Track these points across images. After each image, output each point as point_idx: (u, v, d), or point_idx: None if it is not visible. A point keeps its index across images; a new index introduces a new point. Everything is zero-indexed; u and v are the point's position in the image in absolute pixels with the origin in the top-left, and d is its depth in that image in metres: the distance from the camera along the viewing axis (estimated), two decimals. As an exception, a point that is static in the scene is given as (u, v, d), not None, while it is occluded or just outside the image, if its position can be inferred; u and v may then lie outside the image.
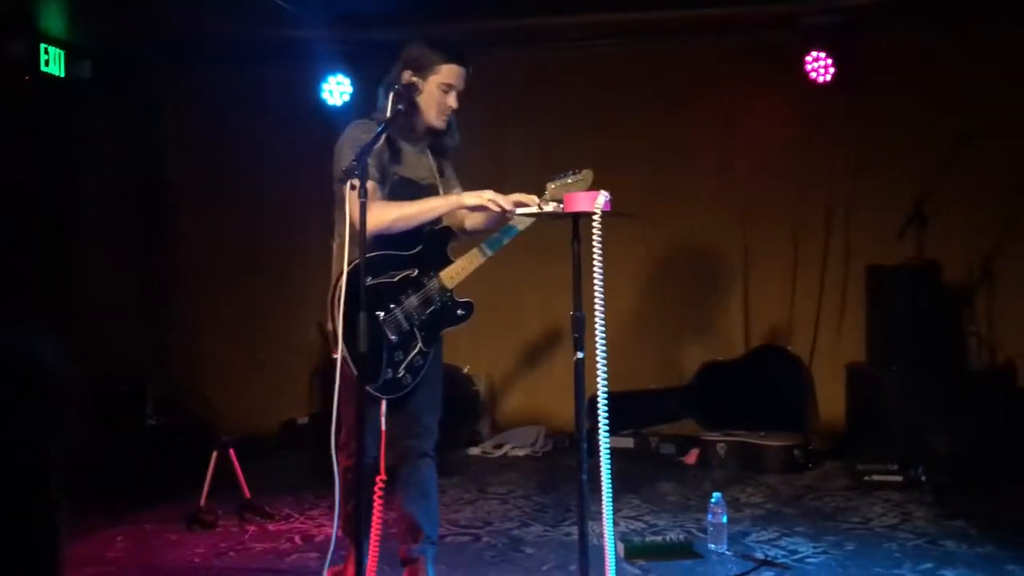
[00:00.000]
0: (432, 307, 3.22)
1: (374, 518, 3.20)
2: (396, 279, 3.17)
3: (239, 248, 6.57)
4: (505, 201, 3.07)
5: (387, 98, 3.20)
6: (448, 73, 3.20)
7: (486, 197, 3.09)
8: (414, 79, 3.19)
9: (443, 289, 3.23)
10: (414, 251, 3.20)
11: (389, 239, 3.11)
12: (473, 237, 3.37)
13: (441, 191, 3.32)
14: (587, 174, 3.20)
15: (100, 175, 6.30)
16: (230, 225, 6.57)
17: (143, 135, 6.56)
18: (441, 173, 3.37)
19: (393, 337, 3.14)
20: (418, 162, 3.30)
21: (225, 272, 6.57)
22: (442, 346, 3.35)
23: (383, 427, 3.15)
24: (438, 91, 3.19)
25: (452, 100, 3.23)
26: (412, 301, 3.18)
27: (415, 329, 3.19)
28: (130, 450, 5.38)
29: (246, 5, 5.21)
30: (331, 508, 4.27)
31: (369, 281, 3.02)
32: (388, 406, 3.17)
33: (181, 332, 6.63)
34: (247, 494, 4.51)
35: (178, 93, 6.52)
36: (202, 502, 4.37)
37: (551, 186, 3.17)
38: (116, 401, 5.78)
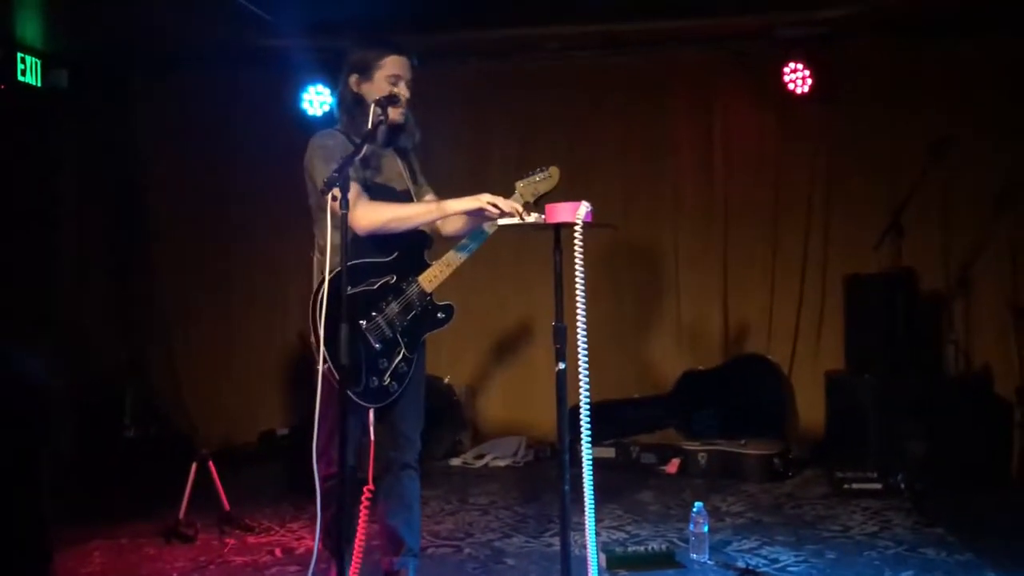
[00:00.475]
0: (413, 312, 3.21)
1: (359, 529, 3.18)
2: (376, 286, 3.16)
3: (217, 258, 6.52)
4: (505, 204, 3.05)
5: (344, 109, 3.21)
6: (392, 64, 3.17)
7: (485, 200, 3.06)
8: (362, 82, 3.17)
9: (423, 294, 3.23)
10: (391, 257, 3.19)
11: (366, 247, 3.11)
12: (449, 242, 3.35)
13: (415, 198, 3.31)
14: (554, 171, 3.22)
15: (77, 184, 6.25)
16: (208, 235, 6.52)
17: (120, 144, 6.51)
18: (414, 179, 3.36)
19: (377, 345, 3.13)
20: (390, 167, 3.28)
21: (202, 282, 6.52)
22: (425, 354, 3.34)
23: (372, 436, 3.14)
24: (387, 84, 3.16)
25: (403, 89, 3.18)
26: (393, 308, 3.18)
27: (398, 335, 3.19)
28: (107, 462, 5.33)
29: (225, 14, 5.18)
30: (312, 520, 4.25)
31: (349, 290, 3.01)
32: (374, 415, 3.15)
33: (158, 342, 6.57)
34: (226, 506, 4.48)
35: (156, 102, 6.47)
36: (181, 515, 4.34)
37: (520, 185, 3.19)
38: (93, 412, 5.73)
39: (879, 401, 5.24)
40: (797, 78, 5.78)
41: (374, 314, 3.14)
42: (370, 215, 3.06)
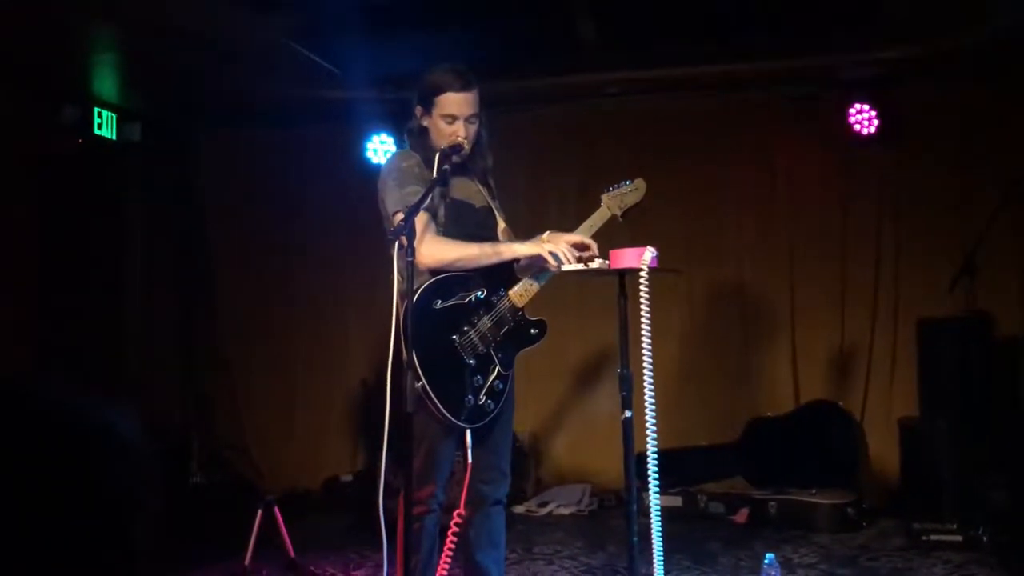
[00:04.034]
0: (506, 327, 3.10)
1: (442, 560, 3.08)
2: (466, 300, 3.06)
3: (281, 305, 6.61)
4: (565, 254, 2.97)
5: (411, 134, 3.18)
6: (445, 104, 3.09)
7: (546, 250, 2.99)
8: (424, 115, 3.15)
9: (514, 308, 3.12)
10: (480, 271, 3.09)
11: None
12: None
13: (496, 214, 3.26)
14: (640, 183, 3.17)
15: (146, 233, 6.41)
16: (272, 283, 6.62)
17: (189, 194, 6.68)
18: (492, 196, 3.29)
19: (471, 361, 3.03)
20: (466, 185, 3.22)
21: (267, 329, 6.61)
22: (514, 385, 3.21)
23: (469, 460, 3.05)
24: (443, 123, 3.10)
25: (459, 129, 3.09)
26: (485, 322, 3.07)
27: (491, 351, 3.08)
28: (174, 508, 5.39)
29: (295, 69, 5.30)
30: (377, 567, 4.25)
31: (439, 304, 2.98)
32: (471, 438, 3.06)
33: (224, 390, 6.65)
34: (292, 553, 4.49)
35: (223, 153, 6.64)
36: (247, 561, 4.36)
37: (606, 197, 3.16)
38: (161, 459, 5.81)
39: (956, 449, 5.05)
40: (863, 119, 5.70)
41: (466, 328, 3.04)
42: (437, 252, 3.00)
